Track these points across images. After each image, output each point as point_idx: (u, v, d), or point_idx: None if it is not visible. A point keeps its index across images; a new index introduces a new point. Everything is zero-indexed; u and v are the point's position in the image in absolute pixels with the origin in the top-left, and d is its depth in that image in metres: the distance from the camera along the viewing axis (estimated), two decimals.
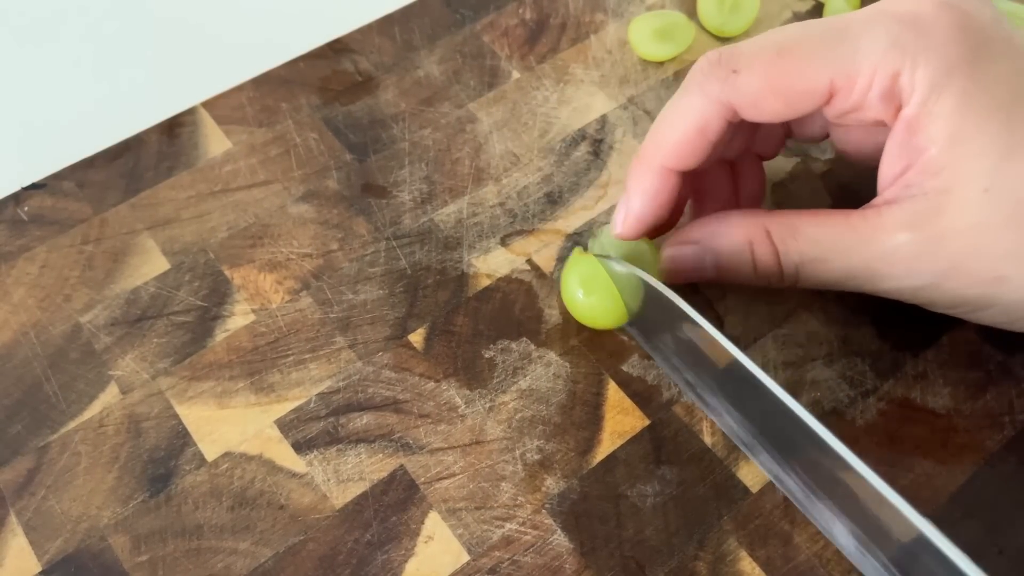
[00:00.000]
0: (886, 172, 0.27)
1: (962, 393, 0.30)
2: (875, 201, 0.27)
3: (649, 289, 0.28)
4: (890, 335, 0.31)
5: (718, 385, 0.28)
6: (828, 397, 0.30)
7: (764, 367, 0.30)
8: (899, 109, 0.26)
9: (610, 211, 0.34)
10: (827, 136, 0.31)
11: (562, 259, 0.33)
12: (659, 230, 0.31)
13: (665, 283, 0.28)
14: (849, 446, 0.28)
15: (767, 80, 0.26)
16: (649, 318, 0.29)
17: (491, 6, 0.39)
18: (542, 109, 0.36)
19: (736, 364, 0.26)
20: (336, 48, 0.38)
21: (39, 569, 0.27)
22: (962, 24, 0.25)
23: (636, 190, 0.29)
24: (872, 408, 0.30)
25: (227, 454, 0.29)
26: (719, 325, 0.31)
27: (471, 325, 0.31)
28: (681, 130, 0.27)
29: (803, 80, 0.26)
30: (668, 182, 0.28)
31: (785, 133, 0.31)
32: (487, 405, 0.29)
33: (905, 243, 0.26)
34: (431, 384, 0.30)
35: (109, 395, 0.30)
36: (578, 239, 0.33)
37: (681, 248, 0.29)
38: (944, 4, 0.25)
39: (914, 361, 0.31)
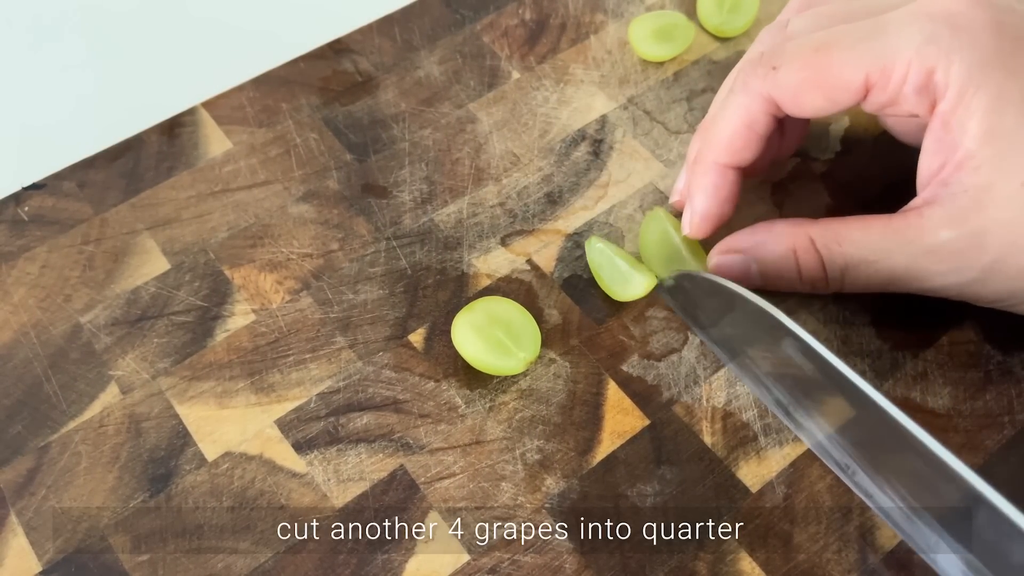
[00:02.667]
0: (924, 168, 0.27)
1: (962, 393, 0.30)
2: (915, 202, 0.27)
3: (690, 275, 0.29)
4: (890, 335, 0.31)
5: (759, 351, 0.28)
6: None
7: None
8: (935, 104, 0.26)
9: (610, 211, 0.34)
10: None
11: (562, 259, 0.33)
12: (723, 224, 0.32)
13: None
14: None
15: (805, 75, 0.27)
16: (690, 294, 0.30)
17: (491, 6, 0.39)
18: (542, 109, 0.36)
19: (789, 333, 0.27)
20: (336, 48, 0.38)
21: (39, 569, 0.27)
22: (997, 22, 0.26)
23: (698, 189, 0.30)
24: None
25: (227, 454, 0.29)
26: None
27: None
28: (732, 127, 0.29)
29: (839, 75, 0.27)
30: (726, 178, 0.30)
31: (804, 130, 0.33)
32: (487, 405, 0.29)
33: (949, 240, 0.26)
34: (431, 384, 0.30)
35: (109, 395, 0.30)
36: (579, 239, 0.33)
37: (727, 257, 0.30)
38: (979, 3, 0.26)
39: (914, 361, 0.31)
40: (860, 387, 0.25)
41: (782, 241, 0.29)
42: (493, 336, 0.29)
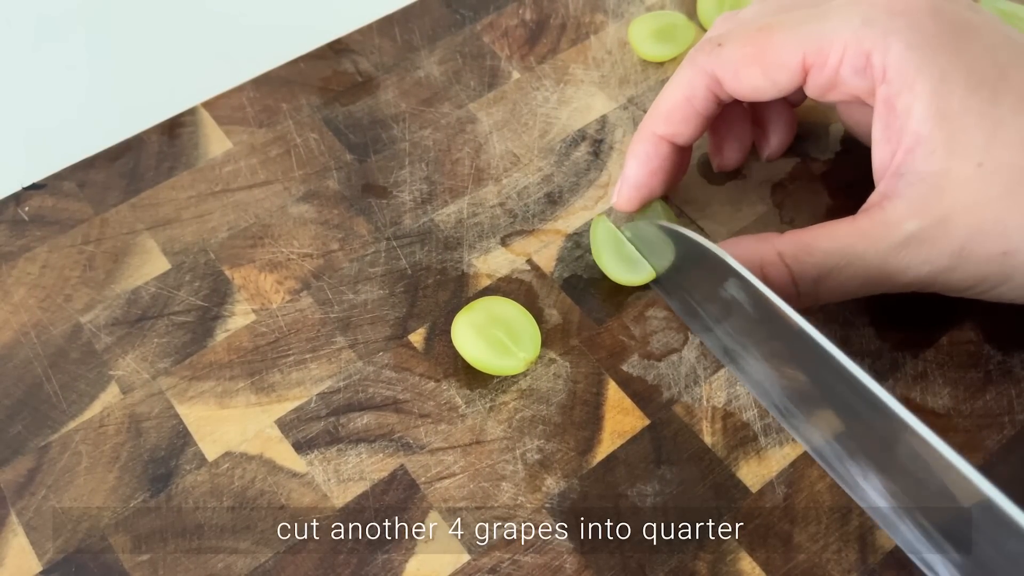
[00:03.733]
0: (878, 158, 0.27)
1: (962, 393, 0.30)
2: (874, 197, 0.27)
3: (686, 243, 0.29)
4: (890, 335, 0.31)
5: (756, 341, 0.28)
6: None
7: None
8: (875, 87, 0.26)
9: (610, 211, 0.34)
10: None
11: (562, 259, 0.33)
12: (652, 197, 0.32)
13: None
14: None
15: (745, 52, 0.28)
16: (682, 277, 0.30)
17: (491, 6, 0.39)
18: (542, 109, 0.36)
19: (781, 318, 0.26)
20: (336, 48, 0.38)
21: (39, 569, 0.27)
22: (935, 7, 0.26)
23: (631, 156, 0.31)
24: None
25: (227, 454, 0.29)
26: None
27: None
28: (672, 99, 0.30)
29: (778, 54, 0.28)
30: (660, 149, 0.30)
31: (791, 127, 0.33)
32: (487, 405, 0.30)
33: (915, 232, 0.26)
34: (431, 384, 0.30)
35: (110, 395, 0.30)
36: (579, 239, 0.33)
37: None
38: None
39: (914, 361, 0.31)
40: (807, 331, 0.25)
41: (749, 258, 0.28)
42: (493, 336, 0.29)
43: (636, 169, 0.31)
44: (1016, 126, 0.25)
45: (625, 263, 0.31)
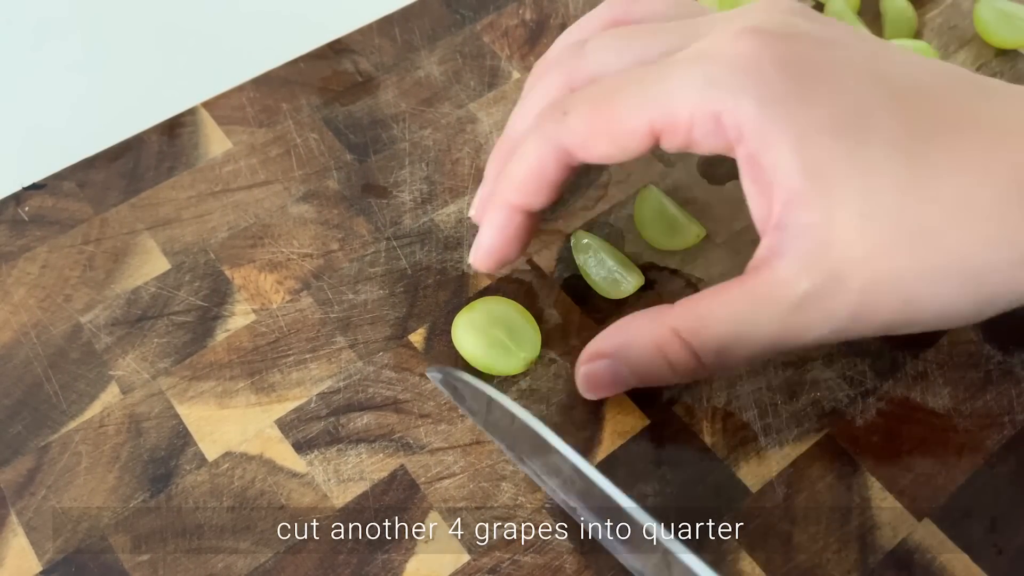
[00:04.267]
0: (754, 208, 0.26)
1: (962, 393, 0.30)
2: (761, 252, 0.25)
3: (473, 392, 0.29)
4: (890, 335, 0.31)
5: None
6: (828, 397, 0.30)
7: (764, 367, 0.30)
8: (732, 146, 0.25)
9: (610, 211, 0.34)
10: None
11: (562, 259, 0.33)
12: (510, 263, 0.31)
13: (588, 397, 0.29)
14: (848, 446, 0.28)
15: (592, 122, 0.27)
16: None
17: (491, 6, 0.39)
18: None
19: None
20: (336, 48, 0.38)
21: (39, 569, 0.27)
22: (782, 57, 0.25)
23: (487, 224, 0.30)
24: (872, 408, 0.30)
25: (227, 454, 0.29)
26: None
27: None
28: (523, 171, 0.28)
29: (623, 123, 0.26)
30: (514, 220, 0.29)
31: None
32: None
33: (809, 291, 0.24)
34: (431, 384, 0.30)
35: (109, 395, 0.30)
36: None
37: (594, 365, 0.28)
38: (762, 39, 0.25)
39: (914, 361, 0.31)
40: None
41: (644, 339, 0.27)
42: (493, 336, 0.29)
43: (492, 237, 0.29)
44: (890, 169, 0.24)
45: (608, 278, 0.32)
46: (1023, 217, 0.24)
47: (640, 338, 0.27)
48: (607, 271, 0.31)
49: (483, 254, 0.30)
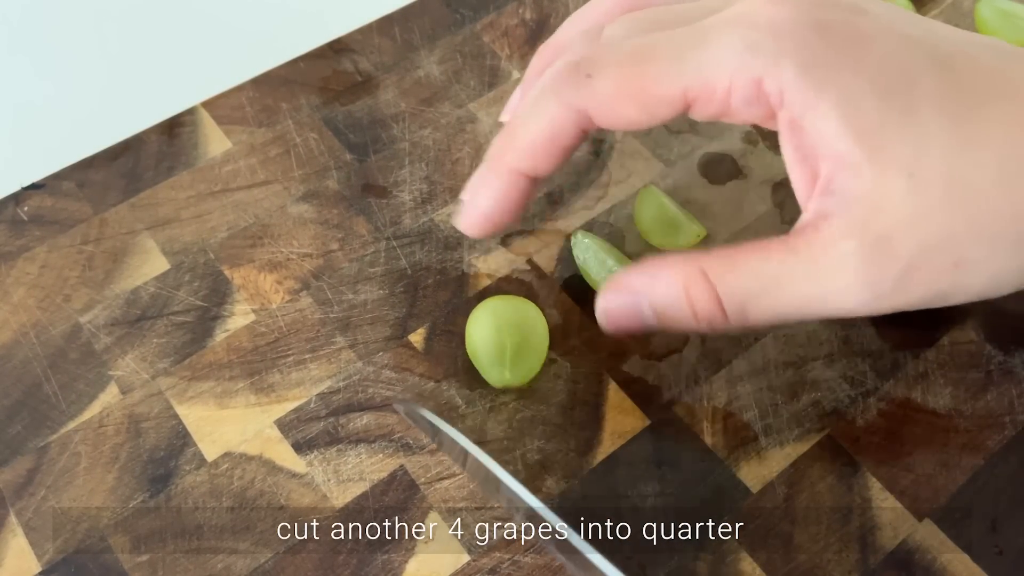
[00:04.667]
0: (797, 178, 0.25)
1: (963, 393, 0.30)
2: (805, 218, 0.25)
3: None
4: (890, 335, 0.31)
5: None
6: (828, 397, 0.30)
7: (764, 367, 0.30)
8: (773, 113, 0.25)
9: (610, 211, 0.34)
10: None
11: (563, 259, 0.33)
12: (502, 230, 0.30)
13: (609, 332, 0.28)
14: (849, 446, 0.28)
15: (621, 86, 0.25)
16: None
17: (491, 6, 0.39)
18: None
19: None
20: (336, 48, 0.38)
21: (39, 569, 0.27)
22: (820, 21, 0.24)
23: (486, 188, 0.28)
24: (872, 408, 0.30)
25: (227, 454, 0.29)
26: None
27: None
28: (536, 135, 0.27)
29: (657, 88, 0.25)
30: (518, 186, 0.28)
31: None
32: (487, 405, 0.29)
33: (854, 251, 0.24)
34: (431, 384, 0.30)
35: (109, 395, 0.30)
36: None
37: (615, 298, 0.27)
38: (798, 5, 0.24)
39: (915, 361, 0.31)
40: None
41: (671, 275, 0.26)
42: (500, 342, 0.29)
43: (489, 202, 0.28)
44: (940, 132, 0.24)
45: (609, 276, 0.31)
46: None
47: (667, 275, 0.26)
48: (607, 271, 0.31)
49: (477, 219, 0.28)
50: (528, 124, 0.27)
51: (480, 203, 0.28)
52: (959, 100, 0.24)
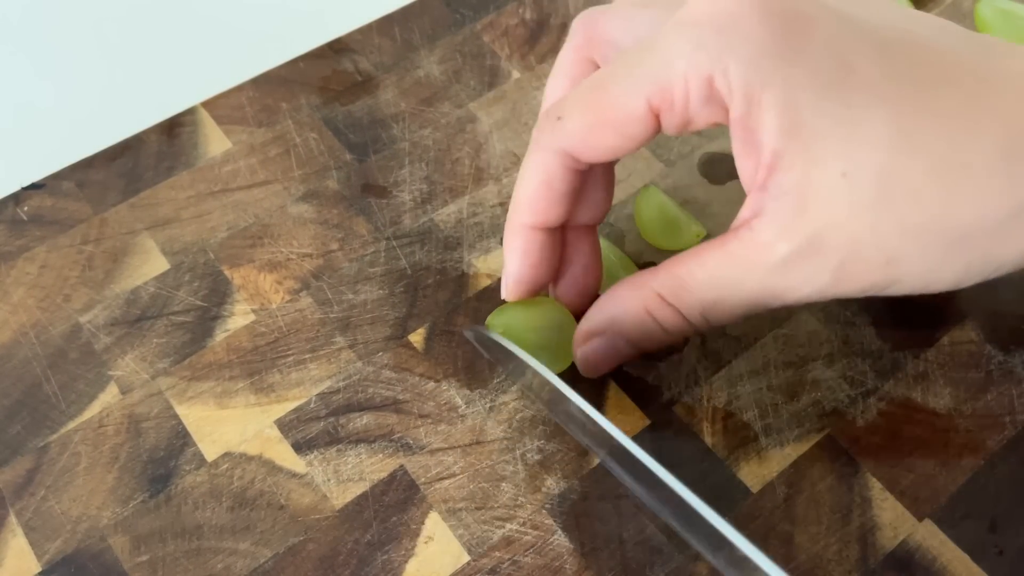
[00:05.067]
0: (742, 171, 0.25)
1: (963, 393, 0.30)
2: (744, 212, 0.25)
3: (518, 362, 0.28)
4: (890, 335, 0.31)
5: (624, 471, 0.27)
6: (828, 397, 0.30)
7: (764, 367, 0.30)
8: (727, 111, 0.25)
9: (611, 211, 0.34)
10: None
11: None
12: (542, 287, 0.30)
13: (588, 376, 0.29)
14: (849, 446, 0.28)
15: (587, 116, 0.26)
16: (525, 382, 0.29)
17: (491, 6, 0.39)
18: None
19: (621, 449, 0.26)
20: (336, 48, 0.38)
21: (39, 569, 0.27)
22: (764, 11, 0.24)
23: (509, 252, 0.29)
24: (873, 408, 0.30)
25: (227, 454, 0.29)
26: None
27: (471, 325, 0.31)
28: (531, 187, 0.27)
29: (620, 107, 0.25)
30: (535, 241, 0.28)
31: (608, 196, 0.30)
32: (487, 405, 0.29)
33: (789, 253, 0.24)
34: (431, 384, 0.30)
35: (109, 395, 0.30)
36: None
37: (591, 345, 0.28)
38: None
39: (915, 361, 0.31)
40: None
41: (632, 307, 0.27)
42: (534, 341, 0.29)
43: (517, 265, 0.28)
44: (872, 124, 0.23)
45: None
46: (1010, 175, 0.23)
47: (627, 308, 0.27)
48: (608, 269, 0.31)
49: (513, 284, 0.29)
50: (523, 181, 0.28)
51: (510, 269, 0.29)
52: (899, 88, 0.24)
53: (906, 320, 0.31)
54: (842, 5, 0.25)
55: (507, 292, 0.29)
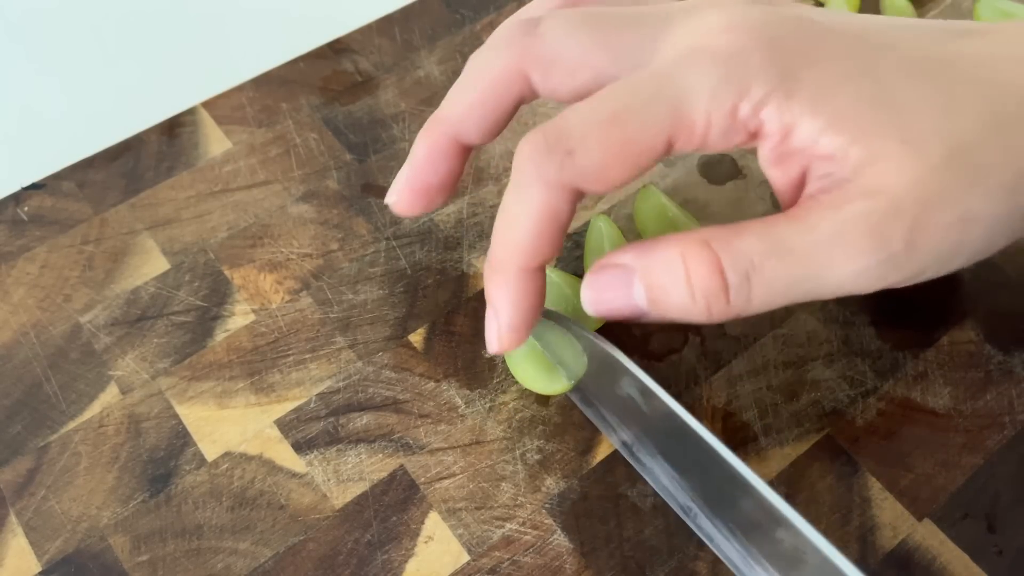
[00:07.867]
0: (780, 183, 0.25)
1: (962, 393, 0.30)
2: (802, 201, 0.25)
3: (584, 341, 0.27)
4: (890, 335, 0.31)
5: (655, 441, 0.27)
6: (828, 397, 0.30)
7: (764, 367, 0.30)
8: (753, 135, 0.25)
9: (610, 211, 0.34)
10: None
11: (562, 259, 0.33)
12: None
13: (594, 319, 0.29)
14: (849, 446, 0.28)
15: (607, 153, 0.24)
16: (588, 375, 0.28)
17: (491, 6, 0.39)
18: (542, 109, 0.36)
19: (672, 416, 0.26)
20: (336, 48, 0.38)
21: (39, 569, 0.27)
22: (775, 39, 0.24)
23: (503, 302, 0.26)
24: (872, 408, 0.30)
25: (227, 454, 0.29)
26: (717, 326, 0.31)
27: (471, 325, 0.31)
28: (533, 226, 0.25)
29: (639, 143, 0.24)
30: (534, 283, 0.26)
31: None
32: (487, 405, 0.29)
33: (860, 211, 0.24)
34: (431, 384, 0.30)
35: (109, 395, 0.30)
36: (579, 239, 0.33)
37: (603, 273, 0.26)
38: (752, 26, 0.25)
39: (914, 361, 0.31)
40: (697, 431, 0.25)
41: (667, 248, 0.25)
42: (538, 355, 0.29)
43: (516, 314, 0.26)
44: (918, 100, 0.24)
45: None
46: None
47: (662, 247, 0.25)
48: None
49: (510, 333, 0.26)
50: (522, 220, 0.25)
51: (505, 319, 0.26)
52: (924, 72, 0.25)
53: (906, 320, 0.31)
54: (838, 23, 0.26)
55: (503, 342, 0.26)
